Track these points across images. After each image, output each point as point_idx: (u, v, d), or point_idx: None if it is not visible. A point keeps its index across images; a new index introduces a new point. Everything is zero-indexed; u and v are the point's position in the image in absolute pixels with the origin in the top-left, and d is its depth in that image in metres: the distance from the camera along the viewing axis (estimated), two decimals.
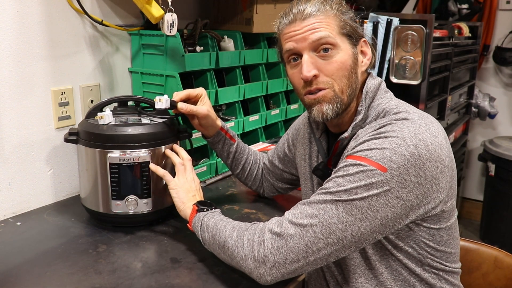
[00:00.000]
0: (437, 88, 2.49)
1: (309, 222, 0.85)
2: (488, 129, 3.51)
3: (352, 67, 0.97)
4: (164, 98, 1.18)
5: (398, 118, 0.91)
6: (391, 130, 0.87)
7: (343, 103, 0.97)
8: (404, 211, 0.85)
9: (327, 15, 0.96)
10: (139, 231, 1.20)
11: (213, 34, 1.63)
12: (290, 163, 1.29)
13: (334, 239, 0.84)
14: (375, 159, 0.84)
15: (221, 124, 1.28)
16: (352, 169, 0.85)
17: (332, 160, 1.04)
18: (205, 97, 1.25)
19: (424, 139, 0.85)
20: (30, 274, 1.00)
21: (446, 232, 0.96)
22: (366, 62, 1.01)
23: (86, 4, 1.38)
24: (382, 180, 0.83)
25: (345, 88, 0.97)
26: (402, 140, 0.85)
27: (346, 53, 0.96)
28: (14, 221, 1.26)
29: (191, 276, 1.00)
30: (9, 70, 1.24)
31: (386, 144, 0.85)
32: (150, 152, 1.17)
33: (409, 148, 0.84)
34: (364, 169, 0.84)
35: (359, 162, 0.85)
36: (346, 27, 0.97)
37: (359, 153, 0.87)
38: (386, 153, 0.84)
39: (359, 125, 0.97)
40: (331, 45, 0.95)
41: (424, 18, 2.04)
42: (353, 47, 0.98)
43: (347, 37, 0.97)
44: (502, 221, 3.07)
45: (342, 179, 0.86)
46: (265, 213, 1.33)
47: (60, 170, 1.41)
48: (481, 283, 1.23)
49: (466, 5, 3.19)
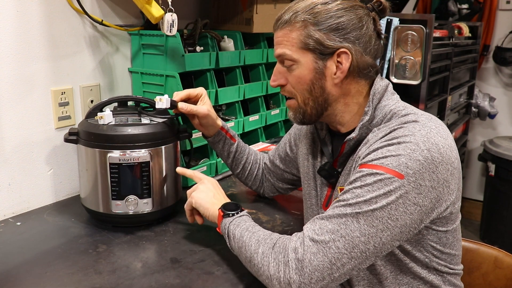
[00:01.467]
0: (437, 88, 2.49)
1: (331, 237, 0.83)
2: (488, 129, 3.51)
3: (314, 82, 0.97)
4: (164, 98, 1.18)
5: (408, 121, 0.90)
6: (404, 135, 0.87)
7: (306, 114, 1.01)
8: (420, 217, 0.85)
9: (293, 28, 0.95)
10: (139, 231, 1.20)
11: (213, 34, 1.63)
12: (292, 163, 1.29)
13: (357, 253, 0.83)
14: (392, 167, 0.83)
15: (221, 123, 1.28)
16: (369, 178, 0.84)
17: (338, 161, 1.03)
18: (205, 96, 1.25)
19: (436, 143, 0.85)
20: (30, 274, 1.00)
21: (451, 234, 0.96)
22: (340, 75, 0.96)
23: (86, 4, 1.38)
24: (399, 187, 0.82)
25: (307, 101, 0.99)
26: (416, 145, 0.84)
27: (306, 68, 0.96)
28: (14, 221, 1.26)
29: (191, 276, 1.00)
30: (9, 70, 1.24)
31: (401, 150, 0.84)
32: (150, 152, 1.16)
33: (423, 152, 0.84)
34: (382, 177, 0.83)
35: (375, 171, 0.84)
36: (309, 41, 0.94)
37: (374, 162, 0.86)
38: (402, 160, 0.83)
39: (365, 126, 0.96)
40: (290, 61, 0.97)
41: (424, 18, 2.04)
42: (317, 61, 0.95)
43: (310, 51, 0.95)
44: (502, 221, 3.07)
45: (361, 190, 0.84)
46: (265, 213, 1.33)
47: (60, 170, 1.41)
48: (481, 283, 1.23)
49: (466, 5, 3.20)
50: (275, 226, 1.25)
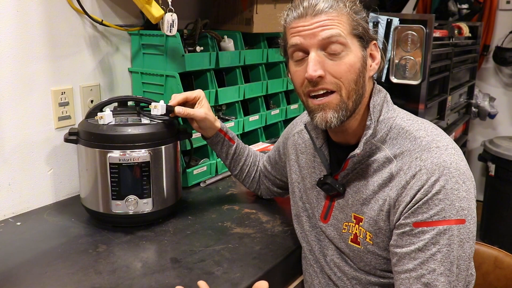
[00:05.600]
0: (437, 88, 2.49)
1: None
2: (488, 129, 3.51)
3: (361, 71, 0.92)
4: (159, 104, 1.18)
5: (430, 147, 0.89)
6: (441, 175, 0.85)
7: (348, 110, 0.92)
8: None
9: (340, 12, 0.89)
10: (139, 231, 1.20)
11: (213, 34, 1.63)
12: (281, 170, 1.27)
13: None
14: (454, 217, 0.84)
15: (220, 125, 1.28)
16: (441, 238, 0.84)
17: (340, 175, 0.99)
18: (203, 99, 1.24)
19: (464, 171, 0.87)
20: (30, 274, 1.00)
21: None
22: (375, 66, 0.96)
23: (86, 4, 1.38)
24: (468, 231, 0.85)
25: (352, 93, 0.91)
26: (457, 183, 0.85)
27: (356, 55, 0.91)
28: (14, 221, 1.26)
29: (191, 276, 1.00)
30: (9, 70, 1.24)
31: (449, 195, 0.84)
32: (150, 152, 1.16)
33: (462, 187, 0.85)
34: (452, 233, 0.84)
35: (443, 228, 0.84)
36: (358, 27, 0.91)
37: (434, 218, 0.84)
38: (456, 205, 0.84)
39: (369, 140, 0.93)
40: (341, 45, 0.89)
41: (424, 18, 2.04)
42: (363, 50, 0.92)
43: (358, 38, 0.91)
44: (502, 221, 3.07)
45: (440, 255, 0.84)
46: (265, 213, 1.33)
47: (60, 170, 1.41)
48: (481, 283, 1.22)
49: (466, 5, 3.19)
50: (275, 226, 1.25)
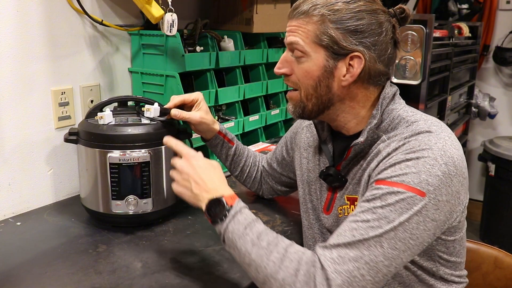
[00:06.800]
0: (437, 88, 2.49)
1: (355, 266, 0.79)
2: (488, 129, 3.51)
3: (321, 80, 0.93)
4: (152, 107, 1.18)
5: (421, 131, 0.88)
6: (421, 149, 0.84)
7: (306, 109, 0.98)
8: (435, 231, 0.85)
9: (310, 20, 0.91)
10: (139, 231, 1.20)
11: (213, 34, 1.63)
12: (288, 166, 1.27)
13: (380, 277, 0.81)
14: (413, 184, 0.82)
15: (219, 127, 1.27)
16: (390, 197, 0.82)
17: (342, 165, 1.00)
18: (201, 102, 1.22)
19: (451, 156, 0.85)
20: (30, 274, 1.00)
21: (458, 243, 0.96)
22: (348, 78, 0.93)
23: (86, 4, 1.38)
24: (421, 205, 0.81)
25: (310, 97, 0.96)
26: (434, 160, 0.83)
27: (315, 63, 0.93)
28: (14, 221, 1.26)
29: (191, 276, 1.00)
30: (9, 70, 1.24)
31: (420, 166, 0.83)
32: (150, 152, 1.16)
33: (441, 167, 0.83)
34: (404, 196, 0.81)
35: (397, 189, 0.82)
36: (324, 38, 0.90)
37: (394, 179, 0.83)
38: (423, 176, 0.82)
39: (372, 129, 0.94)
40: (300, 52, 0.93)
41: (424, 18, 2.04)
42: (328, 59, 0.92)
43: (323, 48, 0.91)
44: (502, 221, 3.07)
45: (382, 210, 0.81)
46: (265, 213, 1.33)
47: (60, 170, 1.41)
48: (481, 283, 1.22)
49: (466, 5, 3.19)
50: (275, 226, 1.25)
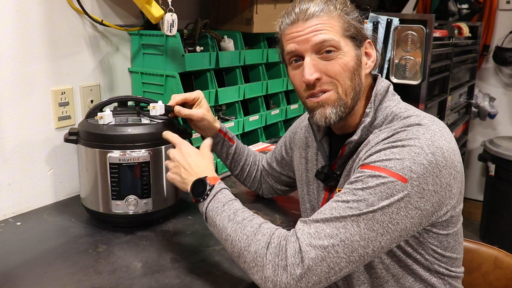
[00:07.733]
0: (437, 88, 2.49)
1: (330, 242, 0.80)
2: (488, 129, 3.51)
3: (355, 69, 0.94)
4: (158, 105, 1.18)
5: (411, 124, 0.89)
6: (408, 138, 0.85)
7: (346, 106, 0.95)
8: (420, 220, 0.84)
9: (330, 16, 0.93)
10: (139, 231, 1.20)
11: (213, 34, 1.63)
12: (288, 166, 1.28)
13: (356, 257, 0.81)
14: (395, 170, 0.82)
15: (219, 126, 1.27)
16: (371, 181, 0.82)
17: (337, 163, 1.02)
18: (202, 100, 1.23)
19: (440, 146, 0.84)
20: (30, 274, 1.00)
21: (452, 237, 0.95)
22: (370, 64, 0.99)
23: (86, 4, 1.38)
24: (402, 191, 0.81)
25: (349, 90, 0.94)
26: (420, 148, 0.83)
27: (349, 55, 0.94)
28: (14, 221, 1.26)
29: (191, 276, 1.00)
30: (9, 70, 1.24)
31: (405, 154, 0.83)
32: (150, 152, 1.16)
33: (427, 156, 0.83)
34: (385, 181, 0.81)
35: (378, 173, 0.82)
36: (350, 28, 0.94)
37: (377, 163, 0.84)
38: (406, 163, 0.82)
39: (366, 127, 0.95)
40: (334, 48, 0.92)
41: (424, 18, 2.04)
42: (356, 49, 0.95)
43: (350, 39, 0.94)
44: (502, 221, 3.07)
45: (362, 192, 0.82)
46: (265, 213, 1.33)
47: (60, 170, 1.41)
48: (481, 283, 1.22)
49: (466, 5, 3.19)
50: None
